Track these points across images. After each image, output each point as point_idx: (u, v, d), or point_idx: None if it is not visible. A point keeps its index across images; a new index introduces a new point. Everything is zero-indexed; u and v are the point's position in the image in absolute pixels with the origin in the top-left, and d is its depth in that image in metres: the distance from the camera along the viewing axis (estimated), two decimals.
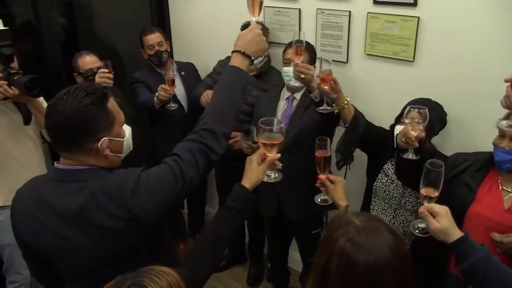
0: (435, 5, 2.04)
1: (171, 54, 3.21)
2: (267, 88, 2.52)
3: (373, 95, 2.38)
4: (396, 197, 2.05)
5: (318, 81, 1.83)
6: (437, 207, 1.30)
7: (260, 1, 1.48)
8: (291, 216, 2.40)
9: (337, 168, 2.06)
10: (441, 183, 1.32)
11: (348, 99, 1.91)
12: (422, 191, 1.35)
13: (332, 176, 1.63)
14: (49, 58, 2.83)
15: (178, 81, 2.92)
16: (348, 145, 2.00)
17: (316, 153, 1.61)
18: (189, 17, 3.26)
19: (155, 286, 0.88)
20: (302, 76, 1.86)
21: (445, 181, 1.35)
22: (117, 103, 1.30)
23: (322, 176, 1.62)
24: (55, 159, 1.27)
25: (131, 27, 3.14)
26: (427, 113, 1.63)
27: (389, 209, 2.10)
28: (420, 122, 1.62)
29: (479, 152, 1.87)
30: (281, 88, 2.42)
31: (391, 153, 2.00)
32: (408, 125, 1.63)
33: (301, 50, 1.82)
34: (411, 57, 2.18)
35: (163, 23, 3.36)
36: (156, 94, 2.61)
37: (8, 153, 2.22)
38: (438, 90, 2.08)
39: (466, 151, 1.92)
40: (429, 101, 1.96)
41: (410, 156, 1.68)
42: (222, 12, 3.00)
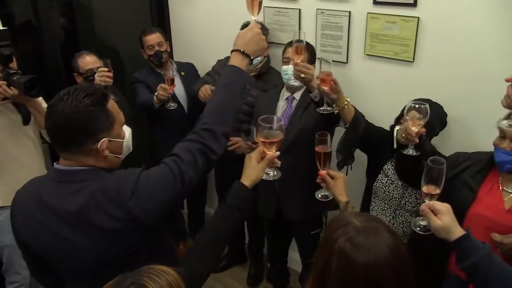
0: (435, 5, 2.04)
1: (171, 54, 3.21)
2: (267, 89, 2.52)
3: (373, 96, 2.37)
4: (396, 197, 2.05)
5: (318, 81, 1.83)
6: (438, 205, 1.28)
7: (259, 0, 1.47)
8: (290, 217, 2.40)
9: (337, 168, 2.07)
10: (443, 180, 1.31)
11: (348, 99, 1.91)
12: (424, 189, 1.33)
13: (332, 172, 1.61)
14: (49, 58, 2.83)
15: (178, 81, 2.92)
16: (348, 145, 1.99)
17: (316, 148, 1.58)
18: (189, 17, 3.26)
19: (154, 285, 0.88)
20: (302, 75, 1.86)
21: (445, 180, 1.34)
22: (117, 102, 1.30)
23: (323, 172, 1.61)
24: (55, 159, 1.27)
25: (131, 27, 3.14)
26: (427, 109, 1.61)
27: (388, 209, 2.10)
28: (420, 118, 1.61)
29: (479, 152, 1.87)
30: (280, 88, 2.42)
31: (391, 153, 2.00)
32: (409, 121, 1.62)
33: (301, 50, 1.82)
34: (411, 57, 2.17)
35: (163, 23, 3.36)
36: (156, 93, 2.61)
37: (8, 153, 2.22)
38: (438, 91, 2.08)
39: (466, 151, 1.92)
40: (429, 101, 1.95)
41: (411, 152, 1.67)
42: (222, 12, 3.00)
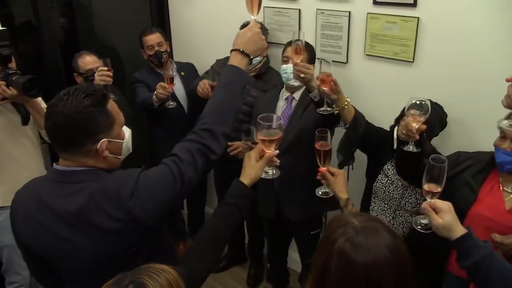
0: (435, 5, 2.04)
1: (171, 54, 3.21)
2: (266, 89, 2.52)
3: (373, 96, 2.37)
4: (396, 198, 2.05)
5: (318, 82, 1.83)
6: (440, 203, 1.28)
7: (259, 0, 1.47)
8: (290, 217, 2.40)
9: (338, 168, 2.06)
10: (444, 178, 1.31)
11: (348, 100, 1.91)
12: (425, 187, 1.33)
13: (332, 169, 1.60)
14: (49, 58, 2.83)
15: (178, 81, 2.92)
16: (348, 145, 1.99)
17: (316, 145, 1.58)
18: (189, 17, 3.26)
19: (154, 283, 0.88)
20: (302, 75, 1.86)
21: (446, 179, 1.33)
22: (116, 101, 1.30)
23: (323, 169, 1.60)
24: (55, 159, 1.27)
25: (131, 27, 3.14)
26: (428, 106, 1.60)
27: (388, 210, 2.09)
28: (421, 114, 1.59)
29: (480, 152, 1.86)
30: (280, 88, 2.42)
31: (391, 153, 2.00)
32: (409, 117, 1.61)
33: (301, 50, 1.82)
34: (411, 57, 2.17)
35: (163, 23, 3.36)
36: (155, 92, 2.61)
37: (7, 153, 2.22)
38: (438, 91, 2.08)
39: (467, 151, 1.91)
40: (429, 102, 1.96)
41: (411, 149, 1.66)
42: (222, 12, 3.00)
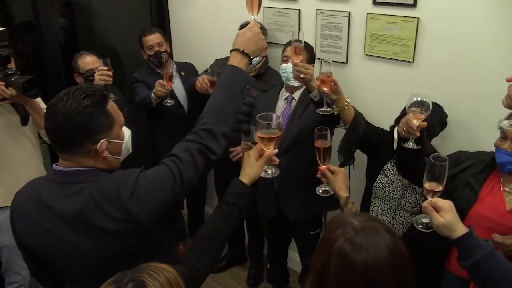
0: (435, 5, 2.04)
1: (170, 54, 3.21)
2: (266, 89, 2.52)
3: (373, 96, 2.37)
4: (396, 198, 2.05)
5: (318, 82, 1.83)
6: (441, 202, 1.27)
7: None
8: (290, 217, 2.40)
9: None
10: (445, 177, 1.30)
11: (348, 100, 1.91)
12: (426, 185, 1.32)
13: (332, 167, 1.60)
14: (49, 58, 2.83)
15: (178, 81, 2.93)
16: (348, 146, 1.99)
17: (315, 144, 1.57)
18: (188, 17, 3.26)
19: (153, 281, 0.88)
20: (302, 75, 1.86)
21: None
22: (116, 100, 1.30)
23: (323, 167, 1.60)
24: (54, 159, 1.27)
25: (131, 27, 3.14)
26: (429, 103, 1.59)
27: (388, 210, 2.09)
28: (422, 111, 1.58)
29: (481, 152, 1.86)
30: (280, 88, 2.42)
31: (391, 154, 2.00)
32: (410, 114, 1.60)
33: (300, 50, 1.82)
34: (410, 57, 2.17)
35: (162, 23, 3.36)
36: (154, 90, 2.61)
37: (6, 153, 2.22)
38: (438, 91, 2.08)
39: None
40: None
41: (411, 146, 1.64)
42: (222, 12, 3.00)
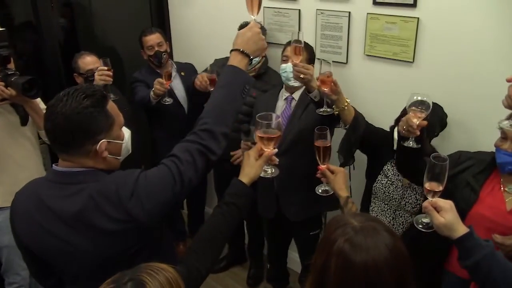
0: (435, 5, 2.04)
1: (170, 54, 3.21)
2: (266, 89, 2.52)
3: (373, 96, 2.37)
4: (396, 198, 2.05)
5: (318, 83, 1.83)
6: (441, 202, 1.27)
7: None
8: (290, 217, 2.40)
9: None
10: (446, 177, 1.30)
11: (348, 100, 1.91)
12: (426, 185, 1.32)
13: (332, 166, 1.60)
14: (48, 59, 2.82)
15: (178, 81, 2.92)
16: (348, 146, 1.99)
17: (315, 143, 1.57)
18: (188, 17, 3.26)
19: (153, 281, 0.88)
20: (302, 76, 1.86)
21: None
22: (116, 101, 1.30)
23: (322, 166, 1.60)
24: (55, 160, 1.26)
25: (131, 27, 3.14)
26: (429, 102, 1.58)
27: (388, 210, 2.09)
28: (422, 110, 1.58)
29: (481, 152, 1.85)
30: (279, 88, 2.41)
31: (391, 154, 2.00)
32: (410, 113, 1.59)
33: (300, 50, 1.82)
34: (410, 58, 2.17)
35: (162, 23, 3.36)
36: (153, 89, 2.61)
37: (6, 154, 2.22)
38: (438, 91, 2.08)
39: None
40: None
41: (411, 144, 1.64)
42: (222, 12, 3.00)
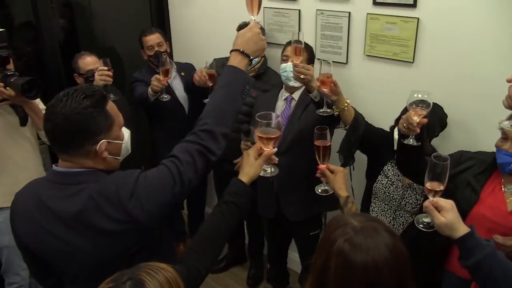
0: (435, 6, 2.04)
1: (170, 54, 3.21)
2: (266, 89, 2.52)
3: (373, 96, 2.37)
4: (396, 198, 2.05)
5: (318, 83, 1.83)
6: (442, 201, 1.27)
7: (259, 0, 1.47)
8: (290, 217, 2.40)
9: None
10: (447, 177, 1.30)
11: (348, 101, 1.90)
12: (427, 185, 1.31)
13: (332, 166, 1.59)
14: (48, 59, 2.82)
15: (178, 82, 2.92)
16: (348, 146, 1.99)
17: (315, 142, 1.57)
18: (188, 17, 3.26)
19: (152, 280, 0.88)
20: (302, 76, 1.86)
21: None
22: (116, 101, 1.30)
23: (322, 166, 1.59)
24: (55, 160, 1.26)
25: (131, 27, 3.14)
26: (430, 100, 1.58)
27: (389, 210, 2.09)
28: (423, 108, 1.57)
29: (482, 152, 1.85)
30: (279, 88, 2.41)
31: (391, 154, 2.00)
32: (411, 111, 1.59)
33: (300, 51, 1.82)
34: (411, 58, 2.17)
35: (162, 23, 3.36)
36: (150, 86, 2.60)
37: (5, 154, 2.22)
38: (438, 91, 2.07)
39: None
40: None
41: (411, 142, 1.64)
42: (222, 12, 3.00)
